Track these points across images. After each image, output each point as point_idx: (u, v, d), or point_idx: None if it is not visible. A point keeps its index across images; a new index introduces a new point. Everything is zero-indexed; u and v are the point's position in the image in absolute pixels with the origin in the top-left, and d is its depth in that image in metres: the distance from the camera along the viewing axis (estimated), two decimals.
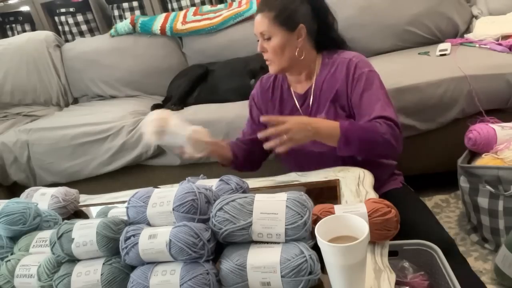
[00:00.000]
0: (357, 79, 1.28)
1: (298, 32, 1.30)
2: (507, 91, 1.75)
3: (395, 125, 1.21)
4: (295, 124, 1.17)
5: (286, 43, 1.30)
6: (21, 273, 0.91)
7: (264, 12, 1.30)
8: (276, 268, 0.75)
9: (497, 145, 1.57)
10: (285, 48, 1.30)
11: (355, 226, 0.71)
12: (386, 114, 1.22)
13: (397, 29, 2.27)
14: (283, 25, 1.29)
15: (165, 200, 0.85)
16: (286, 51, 1.31)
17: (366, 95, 1.26)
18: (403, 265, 1.07)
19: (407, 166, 1.53)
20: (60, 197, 1.22)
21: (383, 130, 1.19)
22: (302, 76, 1.39)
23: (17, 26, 3.19)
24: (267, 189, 1.17)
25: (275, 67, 1.34)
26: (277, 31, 1.29)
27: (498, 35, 1.99)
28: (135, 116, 2.29)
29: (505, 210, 1.50)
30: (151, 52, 2.68)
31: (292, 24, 1.30)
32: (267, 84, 1.46)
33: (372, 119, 1.22)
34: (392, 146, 1.21)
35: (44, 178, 2.37)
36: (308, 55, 1.35)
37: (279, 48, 1.30)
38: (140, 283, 0.79)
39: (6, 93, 2.84)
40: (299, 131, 1.17)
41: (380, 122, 1.21)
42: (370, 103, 1.25)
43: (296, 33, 1.30)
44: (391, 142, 1.20)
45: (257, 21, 1.32)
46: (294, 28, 1.30)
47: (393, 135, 1.20)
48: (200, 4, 2.78)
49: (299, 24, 1.30)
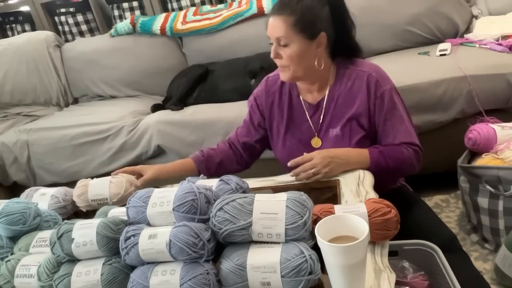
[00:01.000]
0: (380, 99, 1.24)
1: (319, 40, 1.21)
2: (507, 91, 1.76)
3: (419, 149, 1.25)
4: (322, 159, 1.13)
5: (305, 52, 1.20)
6: (21, 273, 0.91)
7: (283, 16, 1.18)
8: (276, 268, 0.75)
9: (497, 145, 1.57)
10: (303, 57, 1.21)
11: (355, 226, 0.71)
12: (411, 140, 1.24)
13: (397, 29, 2.27)
14: (304, 32, 1.19)
15: (165, 200, 0.85)
16: (304, 60, 1.22)
17: (390, 117, 1.24)
18: (403, 265, 1.07)
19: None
20: (60, 197, 1.21)
21: (410, 156, 1.23)
22: (314, 85, 1.31)
23: (17, 26, 3.19)
24: (267, 189, 1.17)
25: (288, 75, 1.25)
26: (296, 38, 1.19)
27: (498, 35, 1.99)
28: (135, 116, 2.29)
29: (505, 210, 1.50)
30: (151, 52, 2.68)
31: (313, 32, 1.20)
32: (273, 87, 1.37)
33: (397, 144, 1.23)
34: (414, 169, 1.26)
35: (44, 178, 2.37)
36: (325, 65, 1.26)
37: (296, 57, 1.20)
38: (140, 283, 0.79)
39: (6, 93, 2.84)
40: (326, 165, 1.13)
41: (407, 148, 1.23)
42: (394, 125, 1.24)
43: (316, 42, 1.21)
44: (415, 166, 1.25)
45: (274, 24, 1.20)
46: (315, 36, 1.20)
47: (417, 159, 1.25)
48: (200, 4, 2.78)
49: (320, 32, 1.20)
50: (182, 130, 2.11)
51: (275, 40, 1.21)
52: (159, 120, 2.16)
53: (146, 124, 2.18)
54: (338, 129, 1.28)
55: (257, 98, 1.40)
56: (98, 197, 1.20)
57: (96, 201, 1.20)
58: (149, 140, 2.14)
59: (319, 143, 1.31)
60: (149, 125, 2.15)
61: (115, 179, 1.21)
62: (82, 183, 1.24)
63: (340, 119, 1.28)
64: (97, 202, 1.20)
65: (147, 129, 2.15)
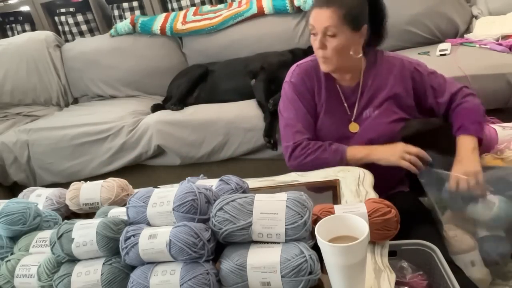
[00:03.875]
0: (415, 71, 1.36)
1: (361, 32, 1.28)
2: (507, 91, 1.76)
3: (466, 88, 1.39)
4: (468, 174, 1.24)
5: (350, 43, 1.26)
6: (21, 273, 0.91)
7: (332, 7, 1.22)
8: (276, 268, 0.75)
9: (498, 145, 1.57)
10: (348, 48, 1.26)
11: (355, 226, 0.71)
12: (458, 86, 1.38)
13: (397, 29, 2.26)
14: (351, 24, 1.24)
15: (165, 200, 0.85)
16: (347, 51, 1.27)
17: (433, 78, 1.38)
18: (401, 265, 1.07)
19: None
20: (54, 199, 1.21)
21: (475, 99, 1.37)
22: (349, 73, 1.36)
23: (17, 26, 3.19)
24: (267, 189, 1.17)
25: (331, 66, 1.30)
26: (344, 30, 1.23)
27: (498, 35, 1.99)
28: (135, 116, 2.29)
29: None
30: (151, 52, 2.68)
31: (358, 24, 1.26)
32: (311, 73, 1.38)
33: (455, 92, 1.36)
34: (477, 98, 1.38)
35: (44, 178, 2.37)
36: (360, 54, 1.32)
37: (342, 48, 1.25)
38: (140, 283, 0.79)
39: (6, 93, 2.84)
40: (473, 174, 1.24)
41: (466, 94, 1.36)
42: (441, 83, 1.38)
43: (360, 33, 1.27)
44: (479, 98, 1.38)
45: (323, 15, 1.23)
46: (360, 28, 1.26)
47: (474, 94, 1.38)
48: (200, 4, 2.78)
49: (364, 24, 1.27)
50: (182, 130, 2.11)
51: (322, 30, 1.24)
52: (159, 120, 2.16)
53: (146, 124, 2.18)
54: (372, 110, 1.34)
55: (297, 86, 1.39)
56: (90, 201, 1.20)
57: (88, 205, 1.20)
58: (149, 140, 2.14)
59: (356, 128, 1.36)
60: (149, 125, 2.15)
61: (106, 183, 1.21)
62: (74, 186, 1.24)
63: (374, 101, 1.35)
64: (88, 206, 1.20)
65: (147, 129, 2.15)
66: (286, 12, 2.40)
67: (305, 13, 2.40)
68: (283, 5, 2.40)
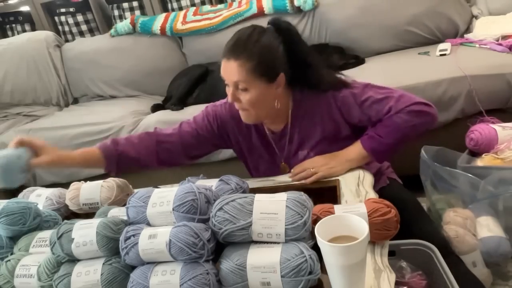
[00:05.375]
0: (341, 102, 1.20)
1: (278, 82, 1.16)
2: (507, 91, 1.76)
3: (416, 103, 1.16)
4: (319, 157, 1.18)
5: (266, 95, 1.15)
6: (21, 273, 0.91)
7: (240, 60, 1.11)
8: (276, 268, 0.75)
9: (498, 145, 1.57)
10: (263, 100, 1.16)
11: (355, 226, 0.71)
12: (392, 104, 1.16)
13: (397, 29, 2.27)
14: (263, 76, 1.13)
15: (165, 200, 0.85)
16: (264, 103, 1.17)
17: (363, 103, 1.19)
18: (400, 265, 1.07)
19: (406, 166, 1.53)
20: (54, 199, 1.21)
21: (408, 118, 1.14)
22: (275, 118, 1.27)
23: (17, 26, 3.19)
24: (267, 189, 1.17)
25: (251, 118, 1.21)
26: (256, 83, 1.13)
27: (498, 35, 1.99)
28: (135, 116, 2.29)
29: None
30: (151, 52, 2.68)
31: (272, 75, 1.14)
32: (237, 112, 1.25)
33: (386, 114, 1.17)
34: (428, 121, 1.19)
35: (44, 178, 2.37)
36: (284, 100, 1.22)
37: (257, 101, 1.15)
38: (140, 283, 0.79)
39: (6, 93, 2.84)
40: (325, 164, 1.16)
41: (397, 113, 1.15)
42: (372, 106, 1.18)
43: (276, 83, 1.16)
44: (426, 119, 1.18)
45: (230, 68, 1.13)
46: (275, 79, 1.15)
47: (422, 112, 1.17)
48: (200, 4, 2.78)
49: (279, 73, 1.15)
50: None
51: (232, 84, 1.14)
52: (159, 120, 2.16)
53: (146, 124, 2.18)
54: (307, 152, 1.25)
55: (219, 118, 1.32)
56: (90, 201, 1.19)
57: (88, 205, 1.20)
58: None
59: (286, 169, 1.30)
60: (149, 125, 2.15)
61: (106, 184, 1.21)
62: (74, 186, 1.23)
63: (307, 143, 1.25)
64: (88, 206, 1.20)
65: (147, 129, 2.14)
66: (286, 12, 2.40)
67: (305, 13, 2.40)
68: (283, 5, 2.40)
